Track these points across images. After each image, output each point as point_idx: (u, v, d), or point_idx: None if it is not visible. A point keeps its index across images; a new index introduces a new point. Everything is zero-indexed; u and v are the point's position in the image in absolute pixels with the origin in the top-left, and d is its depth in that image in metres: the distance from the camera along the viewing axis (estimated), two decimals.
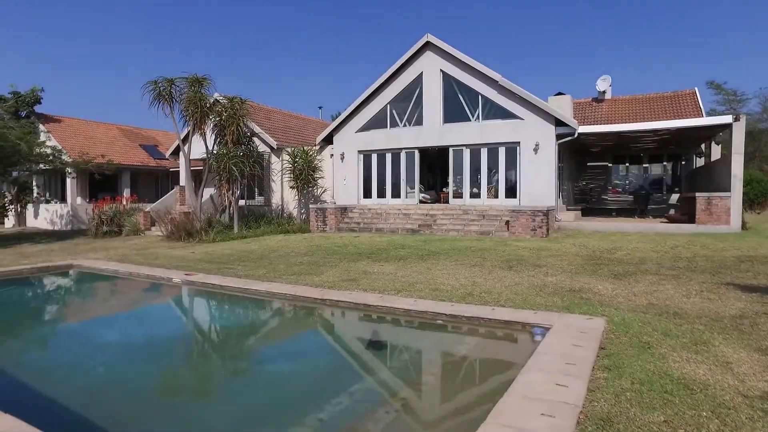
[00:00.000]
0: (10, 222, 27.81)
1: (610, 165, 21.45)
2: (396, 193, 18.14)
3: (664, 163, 20.29)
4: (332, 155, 19.00)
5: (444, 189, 20.56)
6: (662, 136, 16.42)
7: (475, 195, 17.02)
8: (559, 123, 15.36)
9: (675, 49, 74.02)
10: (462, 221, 15.72)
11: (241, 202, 18.56)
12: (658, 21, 76.44)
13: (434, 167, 22.23)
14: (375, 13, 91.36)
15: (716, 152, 18.72)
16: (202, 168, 23.95)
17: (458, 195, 17.31)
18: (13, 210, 27.06)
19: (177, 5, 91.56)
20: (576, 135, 15.07)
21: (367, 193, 18.61)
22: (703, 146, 19.85)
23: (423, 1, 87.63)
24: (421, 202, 18.05)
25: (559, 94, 19.07)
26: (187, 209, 19.06)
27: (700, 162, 20.04)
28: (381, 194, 18.37)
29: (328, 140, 19.16)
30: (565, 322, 5.50)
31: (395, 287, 7.67)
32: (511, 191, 16.32)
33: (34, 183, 26.06)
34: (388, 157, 18.19)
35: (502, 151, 16.36)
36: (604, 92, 22.46)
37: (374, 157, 18.44)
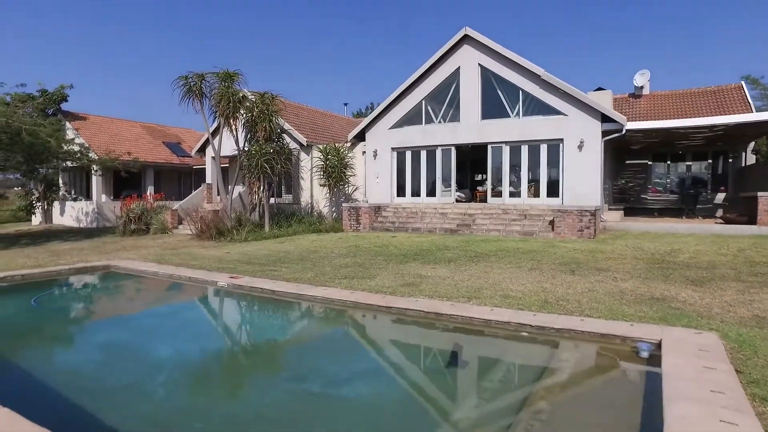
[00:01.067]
0: (37, 219, 27.82)
1: (650, 163, 20.65)
2: (431, 192, 17.59)
3: (709, 161, 19.44)
4: (364, 152, 18.50)
5: (478, 187, 19.99)
6: (716, 132, 15.63)
7: (514, 194, 16.41)
8: (605, 119, 14.69)
9: (703, 44, 72.31)
10: (502, 221, 15.14)
11: (271, 201, 18.13)
12: (687, 15, 74.78)
13: (464, 165, 21.61)
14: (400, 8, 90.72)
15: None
16: (228, 166, 23.68)
17: (497, 194, 16.71)
18: (40, 207, 27.07)
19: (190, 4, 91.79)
20: (623, 131, 14.38)
21: (400, 192, 18.09)
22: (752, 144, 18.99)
23: None
24: (456, 201, 17.49)
25: (599, 89, 18.36)
26: (215, 207, 18.72)
27: (751, 159, 19.13)
28: (415, 193, 17.83)
29: (360, 137, 18.68)
30: (672, 336, 4.95)
31: (461, 294, 7.17)
32: (553, 190, 15.68)
33: (60, 180, 25.98)
34: (423, 154, 17.64)
35: (543, 148, 15.72)
36: (641, 87, 21.66)
37: (408, 154, 17.91)
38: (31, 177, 20.60)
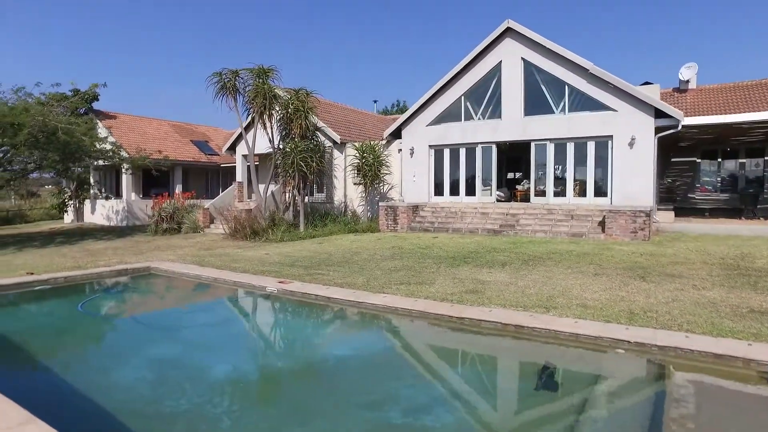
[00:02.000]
0: (69, 217, 28.02)
1: (698, 161, 19.69)
2: (470, 191, 16.99)
3: (766, 158, 18.37)
4: (400, 150, 17.99)
5: (517, 186, 19.32)
6: None
7: (558, 193, 15.72)
8: (658, 114, 13.91)
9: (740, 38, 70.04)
10: (548, 221, 14.48)
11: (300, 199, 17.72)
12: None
13: (500, 163, 20.89)
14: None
15: None
16: (258, 164, 23.38)
17: (540, 193, 16.04)
18: (72, 206, 27.23)
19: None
20: (679, 128, 13.59)
21: (438, 191, 17.53)
22: None
23: None
24: (497, 200, 16.86)
25: (646, 83, 17.48)
26: (248, 206, 18.42)
27: None
28: (454, 192, 17.26)
29: (396, 135, 18.16)
30: None
31: (533, 302, 6.62)
32: (601, 189, 14.95)
33: (91, 179, 26.05)
34: (462, 152, 17.05)
35: (591, 145, 15.00)
36: (687, 81, 20.65)
37: (446, 152, 17.33)
38: (65, 175, 20.58)
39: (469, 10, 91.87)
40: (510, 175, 22.34)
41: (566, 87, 15.19)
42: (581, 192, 15.36)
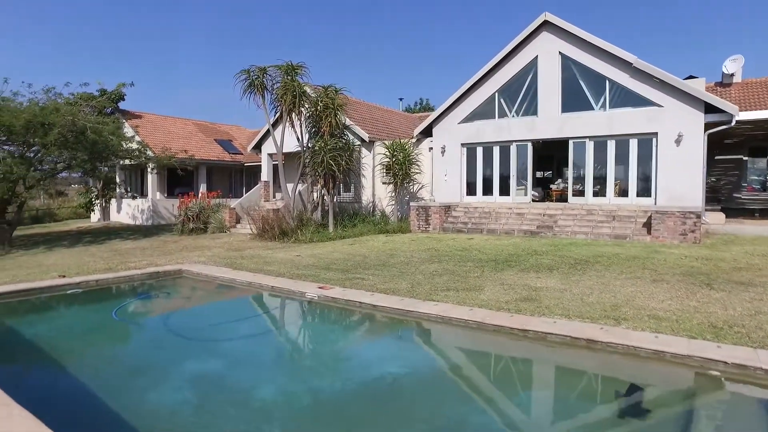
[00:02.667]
0: (95, 216, 28.16)
1: (744, 159, 18.76)
2: (504, 191, 16.40)
3: None
4: (431, 149, 17.48)
5: (551, 186, 18.67)
6: None
7: (598, 193, 15.04)
8: (708, 109, 13.16)
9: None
10: (588, 223, 13.83)
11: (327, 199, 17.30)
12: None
13: (534, 161, 20.25)
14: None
15: None
16: (284, 163, 23.08)
17: (578, 193, 15.38)
18: (99, 205, 27.35)
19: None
20: (733, 123, 12.82)
21: (470, 190, 16.97)
22: None
23: None
24: (532, 200, 16.26)
25: (690, 77, 16.64)
26: (275, 206, 18.12)
27: None
28: (487, 191, 16.68)
29: (426, 133, 17.65)
30: None
31: (597, 312, 6.09)
32: (644, 189, 14.24)
33: (117, 178, 26.10)
34: (496, 150, 16.47)
35: (633, 143, 14.29)
36: (732, 75, 19.69)
37: (479, 150, 16.77)
38: (92, 175, 20.57)
39: (497, 7, 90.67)
40: (538, 174, 21.64)
41: (607, 82, 14.49)
42: (622, 192, 14.66)
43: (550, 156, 21.04)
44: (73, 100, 18.60)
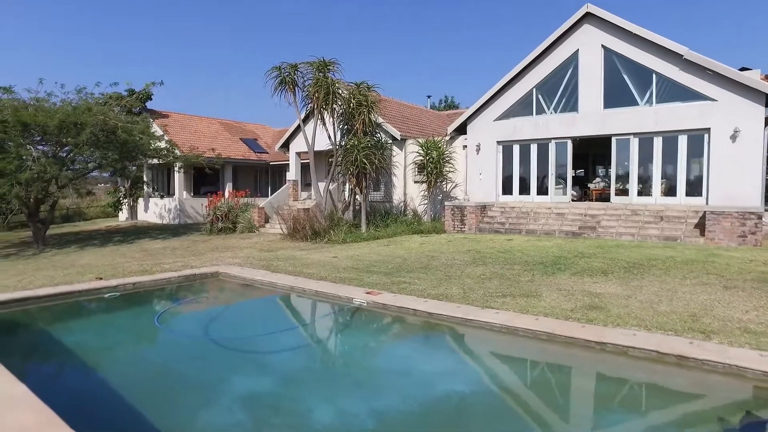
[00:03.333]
0: (123, 216, 28.32)
1: None
2: (542, 190, 15.82)
3: None
4: (465, 147, 16.97)
5: (589, 185, 18.02)
6: None
7: (642, 192, 14.37)
8: None
9: None
10: (634, 223, 13.19)
11: (360, 198, 16.94)
12: None
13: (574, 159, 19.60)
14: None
15: None
16: (310, 162, 22.82)
17: (622, 192, 14.72)
18: (126, 204, 27.48)
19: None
20: None
21: (506, 189, 16.43)
22: None
23: None
24: (571, 200, 15.65)
25: (744, 69, 15.79)
26: (305, 205, 17.84)
27: None
28: (524, 190, 16.12)
29: (460, 130, 17.15)
30: None
31: (679, 324, 5.57)
32: (695, 188, 13.53)
33: (144, 177, 26.18)
34: (533, 148, 15.89)
35: (682, 139, 13.59)
36: None
37: (516, 148, 16.21)
38: (122, 174, 20.58)
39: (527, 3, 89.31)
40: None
41: (654, 75, 13.81)
42: (670, 191, 13.97)
43: (584, 154, 20.35)
44: (103, 99, 18.59)
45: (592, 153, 20.78)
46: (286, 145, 22.13)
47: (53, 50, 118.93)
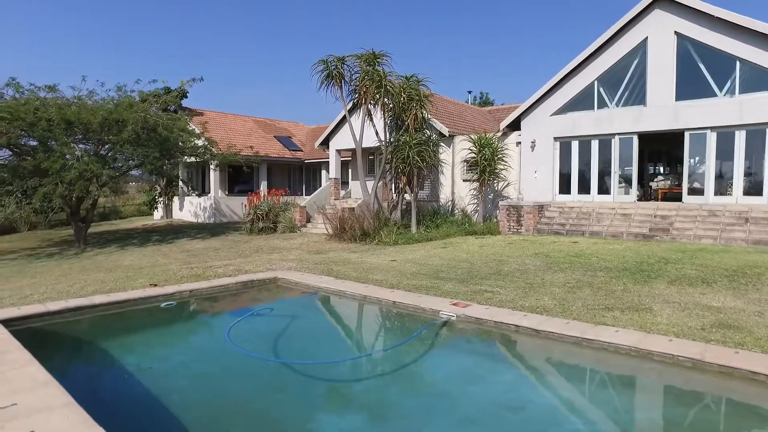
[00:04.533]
0: (158, 214, 28.20)
1: None
2: (604, 189, 14.80)
3: None
4: (518, 143, 16.05)
5: (651, 183, 16.91)
6: None
7: (720, 191, 13.24)
8: None
9: None
10: (713, 225, 12.12)
11: (408, 197, 16.18)
12: None
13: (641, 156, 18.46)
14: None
15: None
16: (350, 159, 22.20)
17: (696, 191, 13.62)
18: (162, 202, 27.32)
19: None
20: None
21: (564, 188, 15.45)
22: None
23: None
24: (637, 200, 14.61)
25: None
26: (350, 205, 17.18)
27: None
28: (583, 189, 15.12)
29: (513, 126, 16.23)
30: None
31: None
32: None
33: (179, 176, 25.95)
34: (594, 144, 14.88)
35: None
36: None
37: (575, 144, 15.22)
38: (160, 173, 20.27)
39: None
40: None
41: (737, 63, 12.66)
42: (753, 190, 12.82)
43: (641, 150, 19.17)
44: (143, 97, 18.26)
45: (647, 149, 19.61)
46: (326, 143, 21.50)
47: (90, 46, 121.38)
